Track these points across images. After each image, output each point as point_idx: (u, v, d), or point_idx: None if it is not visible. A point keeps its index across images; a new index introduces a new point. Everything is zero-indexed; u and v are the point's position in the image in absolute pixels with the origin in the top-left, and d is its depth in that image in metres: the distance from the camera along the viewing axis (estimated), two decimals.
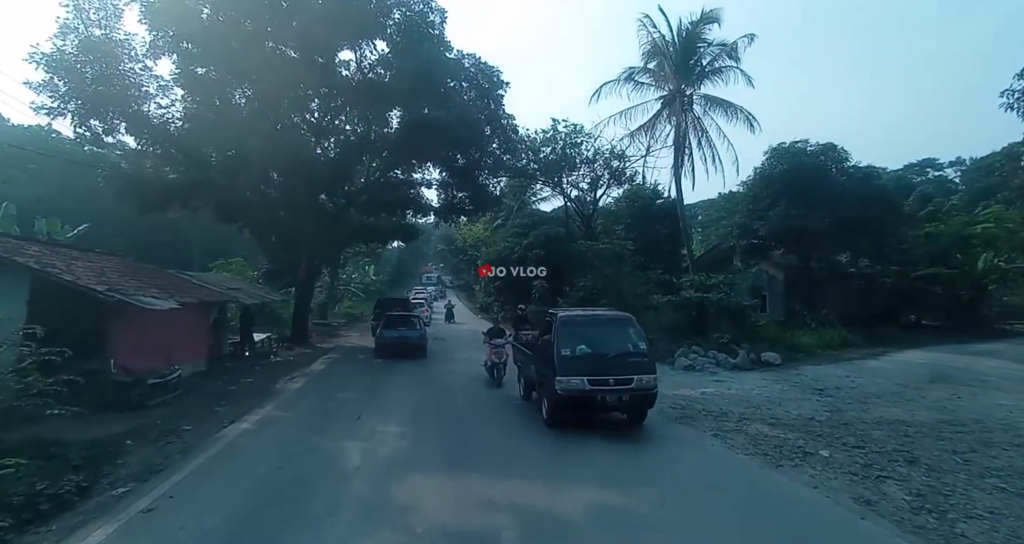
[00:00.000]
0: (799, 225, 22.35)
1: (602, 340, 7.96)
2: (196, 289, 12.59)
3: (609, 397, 7.41)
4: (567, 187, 25.82)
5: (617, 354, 7.73)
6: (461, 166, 18.62)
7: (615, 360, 7.64)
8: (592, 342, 7.85)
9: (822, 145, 24.01)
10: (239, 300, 14.50)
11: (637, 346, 7.88)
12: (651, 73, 24.91)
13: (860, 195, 22.30)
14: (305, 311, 19.95)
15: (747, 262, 26.85)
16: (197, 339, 12.61)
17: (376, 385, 11.70)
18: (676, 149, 24.17)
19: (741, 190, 41.34)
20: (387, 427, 8.02)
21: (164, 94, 15.19)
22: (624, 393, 7.40)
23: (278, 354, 17.08)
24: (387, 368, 14.21)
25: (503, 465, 6.29)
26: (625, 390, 7.39)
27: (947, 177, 59.18)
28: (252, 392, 10.89)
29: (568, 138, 24.06)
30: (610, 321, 8.66)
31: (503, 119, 20.67)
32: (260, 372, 13.44)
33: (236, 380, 12.07)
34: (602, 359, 7.62)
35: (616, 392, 7.39)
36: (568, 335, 7.91)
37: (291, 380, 12.26)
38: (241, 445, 7.03)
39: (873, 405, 9.66)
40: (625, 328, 8.22)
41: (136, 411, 8.58)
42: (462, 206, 20.55)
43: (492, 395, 11.15)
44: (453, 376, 13.12)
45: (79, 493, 5.26)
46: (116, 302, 8.35)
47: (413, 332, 16.27)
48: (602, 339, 7.98)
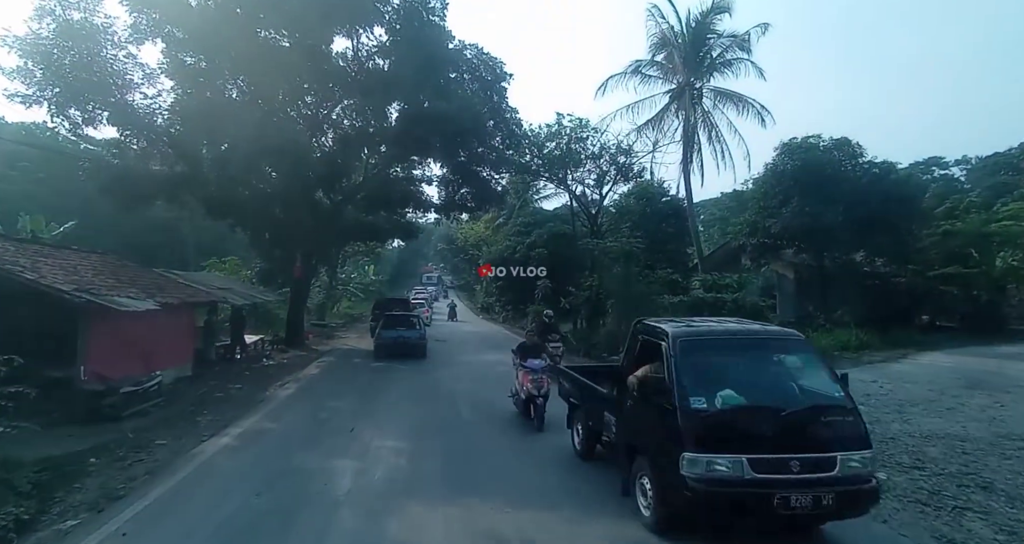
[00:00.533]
0: (813, 222, 21.53)
1: (761, 381, 4.69)
2: (180, 289, 11.81)
3: (796, 499, 3.83)
4: (572, 183, 24.95)
5: (797, 409, 4.24)
6: (463, 161, 17.82)
7: (794, 421, 4.13)
8: (744, 384, 4.42)
9: (835, 140, 23.20)
10: (228, 300, 13.70)
11: (830, 392, 4.43)
12: (659, 66, 24.11)
13: (877, 191, 21.54)
14: (300, 312, 19.16)
15: (757, 261, 26.05)
16: (182, 342, 11.83)
17: (372, 393, 10.90)
18: (685, 144, 23.38)
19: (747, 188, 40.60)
20: (383, 442, 7.22)
21: (150, 83, 14.41)
22: (822, 490, 3.88)
23: (272, 357, 16.30)
24: (385, 373, 13.42)
25: (517, 491, 5.49)
26: (823, 482, 3.90)
27: (953, 176, 58.45)
28: (239, 400, 10.10)
29: (573, 133, 23.24)
30: (769, 344, 5.12)
31: (506, 113, 19.87)
32: (250, 377, 12.65)
33: (224, 386, 11.28)
34: (770, 418, 4.12)
35: (806, 487, 3.87)
36: (698, 371, 4.43)
37: (282, 386, 11.47)
38: (218, 465, 6.23)
39: (914, 415, 8.86)
40: (799, 357, 4.91)
41: (108, 423, 7.78)
42: (464, 202, 19.74)
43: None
44: (457, 382, 12.28)
45: (17, 528, 4.46)
46: (84, 303, 7.56)
47: (413, 332, 15.89)
48: (761, 378, 4.73)
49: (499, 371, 14.36)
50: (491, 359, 16.41)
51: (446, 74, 17.21)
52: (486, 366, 15.03)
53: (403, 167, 20.56)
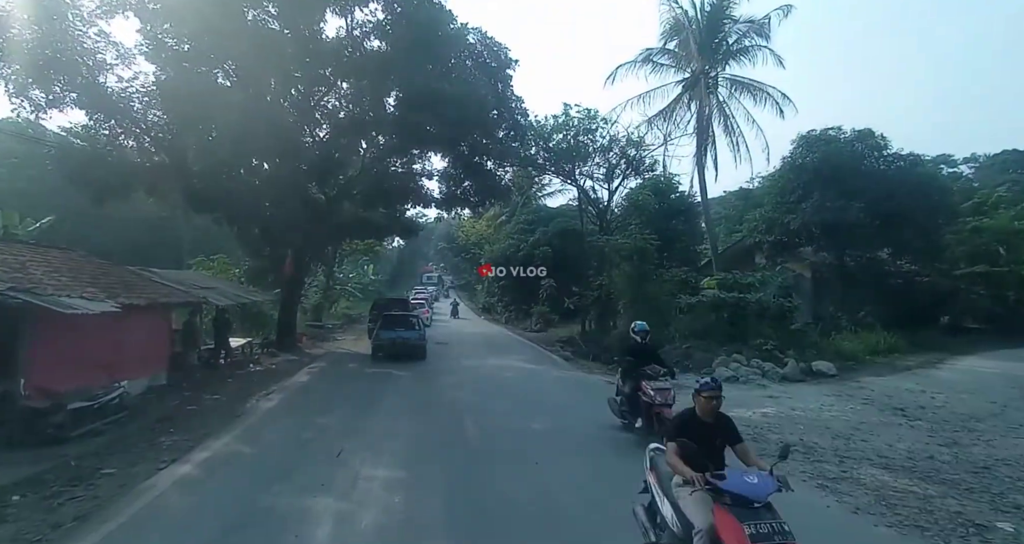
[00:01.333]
0: (836, 218, 20.36)
1: None
2: (153, 288, 10.62)
3: None
4: (580, 177, 23.73)
5: None
6: (466, 152, 16.62)
7: None
8: None
9: (858, 132, 22.01)
10: (209, 301, 12.51)
11: None
12: (671, 54, 22.93)
13: (904, 185, 20.36)
14: (292, 313, 17.98)
15: (773, 260, 24.87)
16: (154, 347, 10.63)
17: (366, 404, 9.71)
18: (699, 135, 22.18)
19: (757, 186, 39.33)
20: (375, 471, 6.03)
21: (125, 64, 13.20)
22: None
23: (260, 361, 15.12)
24: (381, 381, 12.23)
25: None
26: None
27: (961, 173, 57.22)
28: (214, 414, 8.91)
29: (581, 124, 22.04)
30: None
31: (511, 102, 18.69)
32: (232, 386, 11.47)
33: (200, 397, 10.10)
34: None
35: None
36: None
37: (266, 396, 10.27)
38: (168, 506, 5.03)
39: (990, 434, 7.69)
40: None
41: (51, 446, 6.60)
42: (467, 197, 18.54)
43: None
44: (460, 390, 11.08)
45: None
46: (20, 304, 6.37)
47: (412, 333, 15.25)
48: None
49: (506, 378, 13.21)
50: (497, 364, 15.31)
51: (447, 58, 16.01)
52: (492, 372, 13.91)
53: (403, 162, 19.33)
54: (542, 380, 13.00)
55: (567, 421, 8.63)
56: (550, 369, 14.68)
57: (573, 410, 9.54)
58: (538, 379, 13.15)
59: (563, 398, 10.76)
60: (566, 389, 11.94)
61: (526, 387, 11.88)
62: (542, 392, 11.37)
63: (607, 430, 7.90)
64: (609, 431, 7.86)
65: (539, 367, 15.00)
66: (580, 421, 8.58)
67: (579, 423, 8.46)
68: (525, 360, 16.29)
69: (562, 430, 8.04)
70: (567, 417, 8.92)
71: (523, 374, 13.66)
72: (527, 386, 12.02)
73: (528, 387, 11.89)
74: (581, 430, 8.03)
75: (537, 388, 11.83)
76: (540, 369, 14.66)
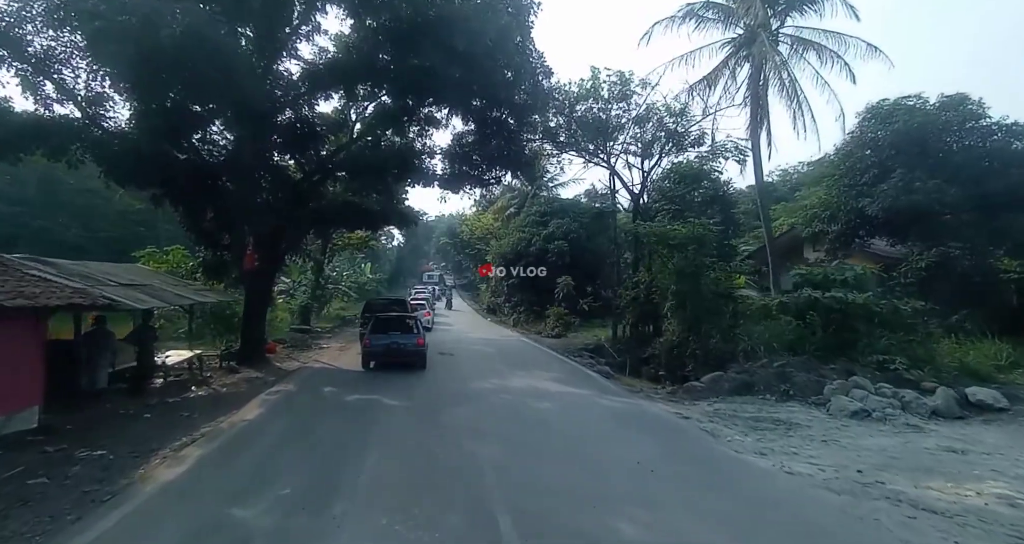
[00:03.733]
0: (928, 201, 16.68)
1: None
2: (14, 284, 6.94)
3: None
4: (613, 152, 19.98)
5: None
6: (480, 104, 12.96)
7: None
8: None
9: (945, 98, 18.31)
10: (125, 303, 8.81)
11: None
12: (719, 7, 19.26)
13: (1011, 162, 16.69)
14: (258, 317, 14.28)
15: (833, 253, 21.21)
16: (17, 372, 6.97)
17: (331, 469, 6.00)
18: (753, 103, 18.51)
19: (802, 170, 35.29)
20: None
21: None
22: None
23: (209, 381, 11.47)
24: (363, 417, 8.51)
25: None
26: None
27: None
28: (71, 491, 5.29)
29: (614, 89, 18.34)
30: None
31: (531, 57, 15.00)
32: (141, 427, 7.83)
33: (72, 453, 6.46)
34: None
35: None
36: None
37: (176, 454, 6.59)
38: None
39: None
40: None
41: None
42: (479, 167, 14.77)
43: None
44: (480, 439, 7.30)
45: None
46: None
47: (409, 338, 13.13)
48: None
49: (544, 413, 8.94)
50: (523, 386, 11.39)
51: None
52: (520, 400, 9.96)
53: (398, 128, 15.56)
54: (591, 414, 9.24)
55: (671, 512, 4.93)
56: (595, 394, 10.88)
57: (662, 476, 5.83)
58: (586, 412, 9.40)
59: (631, 450, 6.99)
60: (629, 429, 8.20)
61: (574, 430, 8.13)
62: (600, 438, 7.66)
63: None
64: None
65: (579, 391, 11.24)
66: (686, 510, 4.89)
67: (689, 516, 4.77)
68: (556, 379, 12.57)
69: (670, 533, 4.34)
70: (665, 496, 5.21)
71: (563, 404, 9.89)
72: (575, 427, 8.28)
73: (577, 430, 8.12)
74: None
75: (590, 431, 8.10)
76: (582, 394, 10.91)
